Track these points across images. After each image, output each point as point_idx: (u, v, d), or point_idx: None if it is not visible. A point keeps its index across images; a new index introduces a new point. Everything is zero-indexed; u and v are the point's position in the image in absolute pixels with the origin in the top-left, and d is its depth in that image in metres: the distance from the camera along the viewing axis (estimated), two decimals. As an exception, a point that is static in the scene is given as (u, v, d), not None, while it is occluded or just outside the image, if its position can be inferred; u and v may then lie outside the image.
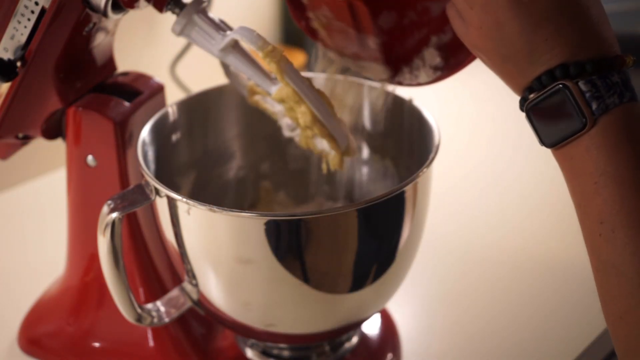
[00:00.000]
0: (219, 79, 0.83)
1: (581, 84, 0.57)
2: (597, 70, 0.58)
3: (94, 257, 0.81)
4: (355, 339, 0.85)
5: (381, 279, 0.75)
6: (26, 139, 0.82)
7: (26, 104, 0.76)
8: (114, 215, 0.70)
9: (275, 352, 0.83)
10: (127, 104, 0.79)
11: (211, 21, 0.74)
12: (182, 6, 0.73)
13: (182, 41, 1.15)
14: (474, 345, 0.88)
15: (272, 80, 0.73)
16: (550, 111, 0.59)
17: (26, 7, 0.70)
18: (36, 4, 0.70)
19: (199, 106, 0.86)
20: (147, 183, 0.72)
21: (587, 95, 0.57)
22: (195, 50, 1.00)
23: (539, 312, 0.92)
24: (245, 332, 0.79)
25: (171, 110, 0.83)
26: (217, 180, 0.90)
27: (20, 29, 0.71)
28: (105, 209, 0.71)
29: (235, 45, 0.73)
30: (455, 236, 1.04)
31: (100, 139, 0.78)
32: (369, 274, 0.74)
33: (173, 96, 0.97)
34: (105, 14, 0.72)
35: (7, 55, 0.72)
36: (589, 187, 0.58)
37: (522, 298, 0.94)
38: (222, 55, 0.73)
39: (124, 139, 0.78)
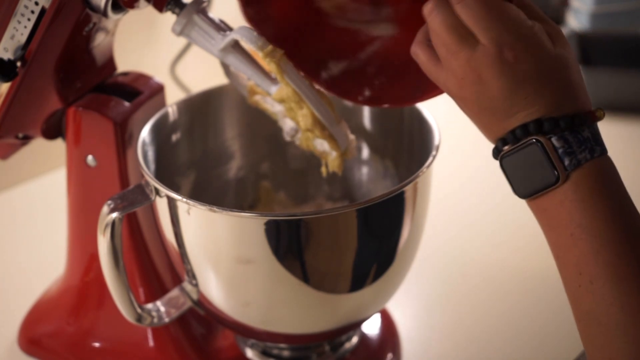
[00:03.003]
0: (219, 79, 0.83)
1: (554, 140, 0.59)
2: (570, 126, 0.59)
3: (94, 257, 0.81)
4: (355, 339, 0.85)
5: (381, 279, 0.75)
6: (26, 139, 0.82)
7: (26, 104, 0.76)
8: (114, 215, 0.70)
9: (275, 352, 0.83)
10: (127, 104, 0.79)
11: (211, 21, 0.74)
12: (182, 6, 0.73)
13: (182, 41, 1.15)
14: (473, 345, 0.88)
15: (272, 80, 0.73)
16: (523, 164, 0.60)
17: (26, 7, 0.70)
18: (36, 4, 0.70)
19: (199, 106, 0.86)
20: (147, 183, 0.72)
21: (560, 150, 0.59)
22: (195, 50, 1.00)
23: (539, 312, 0.92)
24: (245, 332, 0.79)
25: (171, 110, 0.83)
26: (217, 180, 0.90)
27: (20, 29, 0.71)
28: (105, 209, 0.71)
29: (235, 45, 0.73)
30: (455, 236, 1.04)
31: (100, 139, 0.78)
32: (369, 274, 0.74)
33: (173, 96, 0.97)
34: (105, 14, 0.72)
35: (7, 55, 0.72)
36: (564, 239, 0.59)
37: (523, 298, 0.94)
38: (222, 55, 0.73)
39: (124, 139, 0.78)
